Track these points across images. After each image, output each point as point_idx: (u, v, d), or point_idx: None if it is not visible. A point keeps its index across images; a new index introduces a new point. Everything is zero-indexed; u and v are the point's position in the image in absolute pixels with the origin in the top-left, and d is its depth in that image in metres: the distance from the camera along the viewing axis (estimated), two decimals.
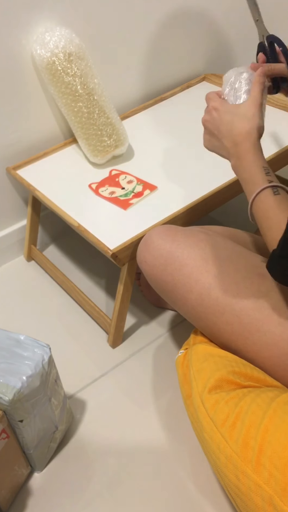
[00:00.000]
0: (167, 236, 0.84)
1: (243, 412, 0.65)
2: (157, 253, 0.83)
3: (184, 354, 0.82)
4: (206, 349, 0.78)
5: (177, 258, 0.81)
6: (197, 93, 1.36)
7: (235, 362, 0.74)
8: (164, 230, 0.86)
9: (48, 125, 1.21)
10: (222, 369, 0.72)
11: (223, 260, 0.79)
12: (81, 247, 1.33)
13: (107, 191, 1.05)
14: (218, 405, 0.68)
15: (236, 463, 0.62)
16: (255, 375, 0.72)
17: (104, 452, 0.90)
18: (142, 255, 0.86)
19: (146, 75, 1.32)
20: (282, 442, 0.60)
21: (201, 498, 0.82)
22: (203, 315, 0.79)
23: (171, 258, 0.81)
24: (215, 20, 1.37)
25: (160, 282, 0.84)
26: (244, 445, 0.62)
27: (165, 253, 0.82)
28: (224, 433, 0.65)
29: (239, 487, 0.62)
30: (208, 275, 0.78)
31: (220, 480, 0.68)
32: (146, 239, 0.86)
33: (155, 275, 0.84)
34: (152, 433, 0.92)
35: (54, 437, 0.87)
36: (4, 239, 1.28)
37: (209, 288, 0.78)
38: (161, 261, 0.82)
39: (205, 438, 0.68)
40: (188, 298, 0.80)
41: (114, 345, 1.07)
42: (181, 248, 0.82)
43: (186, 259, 0.80)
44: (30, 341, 0.79)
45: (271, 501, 0.58)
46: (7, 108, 1.11)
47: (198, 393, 0.71)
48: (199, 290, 0.78)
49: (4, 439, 0.76)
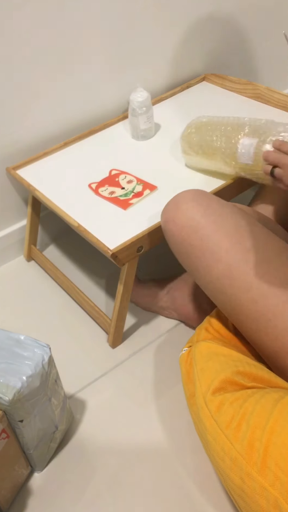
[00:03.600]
0: (202, 200, 0.80)
1: (248, 413, 0.64)
2: (189, 214, 0.79)
3: (188, 352, 0.81)
4: (210, 347, 0.77)
5: (210, 224, 0.77)
6: (197, 93, 1.36)
7: (239, 362, 0.73)
8: (199, 193, 0.82)
9: (48, 125, 1.21)
10: (226, 370, 0.71)
11: (256, 236, 0.77)
12: (81, 247, 1.33)
13: (107, 191, 1.05)
14: (223, 406, 0.67)
15: (241, 465, 0.62)
16: (260, 375, 0.71)
17: (104, 452, 0.90)
18: (171, 214, 0.81)
19: (146, 75, 1.32)
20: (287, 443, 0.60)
21: (202, 498, 0.82)
22: (228, 288, 0.75)
23: (204, 223, 0.77)
24: (215, 20, 1.37)
25: (186, 245, 0.79)
26: (249, 447, 0.62)
27: (198, 216, 0.78)
28: (229, 435, 0.64)
29: (244, 489, 0.61)
30: (240, 247, 0.75)
31: (223, 481, 0.67)
32: (178, 199, 0.82)
33: (182, 237, 0.79)
34: (152, 433, 0.92)
35: (54, 437, 0.87)
36: (4, 239, 1.28)
37: (239, 260, 0.74)
38: (193, 223, 0.78)
39: (209, 440, 0.67)
40: (215, 267, 0.76)
41: (114, 345, 1.07)
42: (215, 214, 0.78)
43: (219, 226, 0.77)
44: (30, 341, 0.79)
45: (276, 503, 0.58)
46: (7, 108, 1.11)
47: (202, 394, 0.70)
48: (229, 260, 0.75)
49: (4, 439, 0.76)
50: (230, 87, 1.35)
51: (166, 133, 1.21)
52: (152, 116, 1.18)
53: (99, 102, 1.27)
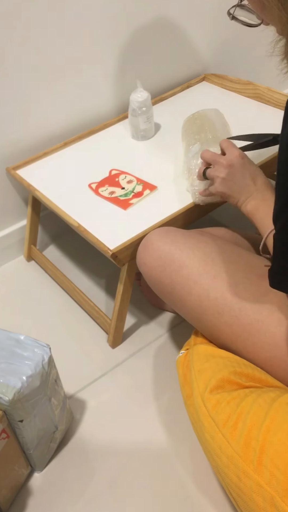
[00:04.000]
0: (166, 237, 0.84)
1: (245, 412, 0.65)
2: (156, 254, 0.83)
3: (185, 355, 0.82)
4: (207, 349, 0.78)
5: (176, 260, 0.81)
6: (197, 93, 1.36)
7: (236, 363, 0.74)
8: (163, 231, 0.86)
9: (48, 125, 1.21)
10: (223, 370, 0.72)
11: (222, 261, 0.79)
12: (81, 247, 1.33)
13: (107, 191, 1.05)
14: (220, 405, 0.68)
15: (237, 463, 0.62)
16: (257, 376, 0.72)
17: (104, 452, 0.90)
18: (141, 257, 0.86)
19: (146, 75, 1.32)
20: (283, 442, 0.60)
21: (202, 497, 0.82)
22: (203, 316, 0.79)
23: (170, 260, 0.81)
24: (215, 20, 1.37)
25: (159, 284, 0.84)
26: (245, 446, 0.62)
27: (163, 255, 0.82)
28: (226, 434, 0.65)
29: (241, 488, 0.62)
30: (207, 276, 0.78)
31: (221, 480, 0.68)
32: (145, 241, 0.86)
33: (154, 277, 0.84)
34: (152, 433, 0.92)
35: (54, 437, 0.87)
36: (4, 239, 1.28)
37: (208, 289, 0.78)
38: (160, 263, 0.82)
39: (206, 438, 0.68)
40: (187, 300, 0.80)
41: (113, 345, 1.07)
42: (180, 249, 0.82)
43: (185, 261, 0.80)
44: (30, 341, 0.79)
45: (272, 501, 0.58)
46: (7, 108, 1.11)
47: (200, 393, 0.71)
48: (198, 291, 0.78)
49: (4, 439, 0.76)
50: (230, 87, 1.35)
51: (166, 133, 1.21)
52: (152, 116, 1.18)
53: (99, 102, 1.27)
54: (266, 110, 1.24)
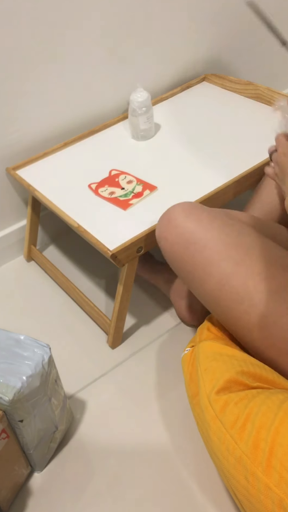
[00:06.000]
0: (192, 214, 0.81)
1: (253, 413, 0.64)
2: (180, 231, 0.80)
3: (190, 352, 0.81)
4: (213, 347, 0.77)
5: (200, 240, 0.78)
6: (197, 93, 1.36)
7: (243, 362, 0.73)
8: (188, 207, 0.82)
9: (48, 125, 1.21)
10: (231, 370, 0.71)
11: (246, 248, 0.77)
12: (81, 247, 1.33)
13: (106, 191, 1.05)
14: (228, 406, 0.67)
15: (246, 464, 0.62)
16: (264, 375, 0.71)
17: (104, 452, 0.90)
18: (162, 230, 0.82)
19: (146, 75, 1.32)
20: None
21: (204, 498, 0.82)
22: (221, 301, 0.77)
23: (194, 239, 0.78)
24: (215, 20, 1.37)
25: (179, 260, 0.81)
26: (254, 447, 0.61)
27: (188, 233, 0.79)
28: (234, 435, 0.64)
29: (248, 489, 0.61)
30: (230, 261, 0.76)
31: (226, 482, 0.67)
32: (169, 215, 0.82)
33: (174, 253, 0.81)
34: (152, 433, 0.92)
35: (54, 437, 0.87)
36: (4, 239, 1.28)
37: (229, 274, 0.75)
38: (182, 240, 0.79)
39: (213, 439, 0.67)
40: (207, 281, 0.77)
41: (113, 345, 1.08)
42: (205, 229, 0.79)
43: (209, 242, 0.77)
44: (30, 341, 0.79)
45: (281, 503, 0.57)
46: (7, 108, 1.11)
47: (206, 394, 0.70)
48: (219, 275, 0.76)
49: (4, 439, 0.76)
50: (230, 87, 1.35)
51: (166, 133, 1.21)
52: (152, 116, 1.18)
53: (99, 102, 1.27)
54: (266, 110, 1.24)
